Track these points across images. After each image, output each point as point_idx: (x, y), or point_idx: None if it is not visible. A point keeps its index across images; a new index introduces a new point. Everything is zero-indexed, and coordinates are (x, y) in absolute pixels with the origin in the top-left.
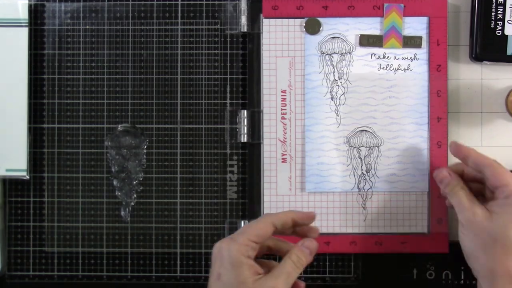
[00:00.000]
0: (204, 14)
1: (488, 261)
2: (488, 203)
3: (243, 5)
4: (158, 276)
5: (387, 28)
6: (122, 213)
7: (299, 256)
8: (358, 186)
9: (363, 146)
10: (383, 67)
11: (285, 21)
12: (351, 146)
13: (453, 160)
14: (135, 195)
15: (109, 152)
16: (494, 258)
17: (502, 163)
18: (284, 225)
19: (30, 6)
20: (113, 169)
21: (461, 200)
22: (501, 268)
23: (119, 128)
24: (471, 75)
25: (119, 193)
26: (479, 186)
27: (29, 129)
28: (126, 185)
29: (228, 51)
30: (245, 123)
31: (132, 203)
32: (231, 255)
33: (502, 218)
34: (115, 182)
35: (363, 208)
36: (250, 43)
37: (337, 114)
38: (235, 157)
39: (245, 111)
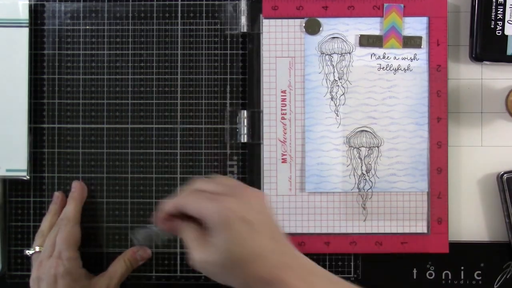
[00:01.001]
0: (204, 14)
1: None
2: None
3: (243, 5)
4: (158, 276)
5: (387, 28)
6: None
7: (131, 261)
8: (358, 186)
9: (363, 146)
10: (383, 67)
11: (285, 21)
12: (351, 146)
13: (453, 160)
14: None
15: None
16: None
17: (502, 163)
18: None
19: (30, 6)
20: None
21: (186, 241)
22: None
23: None
24: (471, 75)
25: None
26: None
27: (29, 129)
28: None
29: (228, 51)
30: (245, 123)
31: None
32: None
33: (218, 245)
34: None
35: (363, 208)
36: (250, 43)
37: (337, 114)
38: (235, 157)
39: (245, 111)
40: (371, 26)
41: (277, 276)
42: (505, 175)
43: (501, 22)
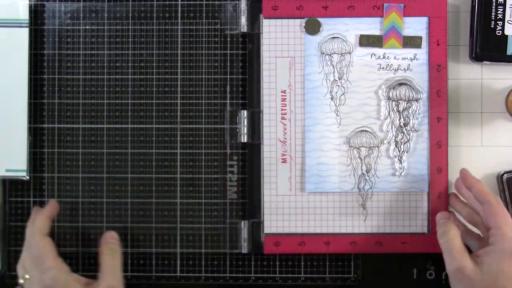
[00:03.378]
0: (204, 14)
1: None
2: (479, 250)
3: (243, 5)
4: (158, 276)
5: (387, 28)
6: None
7: (111, 248)
8: (358, 186)
9: (363, 146)
10: (383, 67)
11: (285, 21)
12: (351, 146)
13: (453, 159)
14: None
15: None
16: None
17: (502, 163)
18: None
19: (30, 6)
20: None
21: (451, 248)
22: None
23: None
24: (471, 75)
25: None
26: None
27: (29, 129)
28: None
29: (228, 51)
30: (245, 123)
31: None
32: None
33: (490, 270)
34: None
35: (363, 208)
36: (250, 43)
37: (337, 114)
38: (235, 157)
39: (245, 111)
40: (371, 26)
41: None
42: (505, 175)
43: (501, 22)
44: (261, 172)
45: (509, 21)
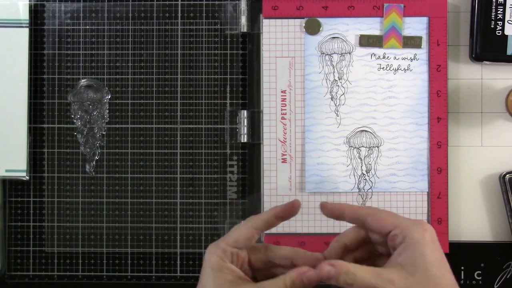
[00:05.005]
0: (204, 14)
1: None
2: (389, 261)
3: (243, 5)
4: (158, 276)
5: (387, 28)
6: (87, 167)
7: (294, 283)
8: (358, 186)
9: (363, 146)
10: (383, 67)
11: (285, 21)
12: (351, 146)
13: (453, 159)
14: (99, 150)
15: (72, 107)
16: None
17: (502, 163)
18: (269, 225)
19: (30, 6)
20: (77, 124)
21: (364, 280)
22: None
23: (81, 83)
24: (471, 75)
25: (83, 148)
26: (371, 248)
27: (29, 129)
28: (90, 139)
29: (228, 51)
30: (245, 123)
31: (96, 157)
32: (211, 259)
33: (415, 267)
34: (79, 137)
35: None
36: (250, 43)
37: (337, 114)
38: (235, 157)
39: (245, 111)
40: (371, 26)
41: None
42: (507, 175)
43: (501, 22)
44: (261, 172)
45: (509, 21)
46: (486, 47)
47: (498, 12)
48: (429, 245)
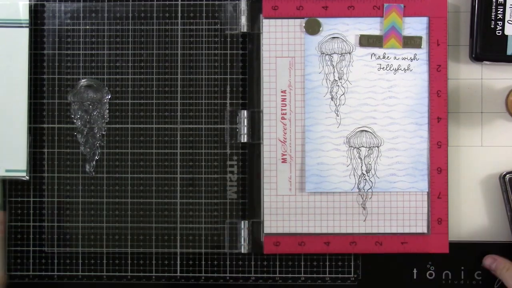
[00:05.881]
0: (204, 14)
1: None
2: None
3: (243, 5)
4: (158, 276)
5: (387, 28)
6: (87, 167)
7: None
8: (358, 186)
9: (363, 146)
10: (383, 67)
11: (285, 21)
12: (351, 146)
13: (453, 159)
14: (99, 150)
15: (72, 107)
16: None
17: (502, 163)
18: None
19: (30, 6)
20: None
21: (508, 281)
22: None
23: (81, 83)
24: (471, 75)
25: (83, 148)
26: None
27: (29, 129)
28: (90, 139)
29: (228, 51)
30: (245, 123)
31: (96, 157)
32: None
33: None
34: (79, 137)
35: (363, 208)
36: (250, 43)
37: (337, 114)
38: (235, 157)
39: (245, 111)
40: (371, 26)
41: None
42: (507, 175)
43: (501, 22)
44: (261, 172)
45: (509, 21)
46: (486, 47)
47: (498, 12)
48: None
